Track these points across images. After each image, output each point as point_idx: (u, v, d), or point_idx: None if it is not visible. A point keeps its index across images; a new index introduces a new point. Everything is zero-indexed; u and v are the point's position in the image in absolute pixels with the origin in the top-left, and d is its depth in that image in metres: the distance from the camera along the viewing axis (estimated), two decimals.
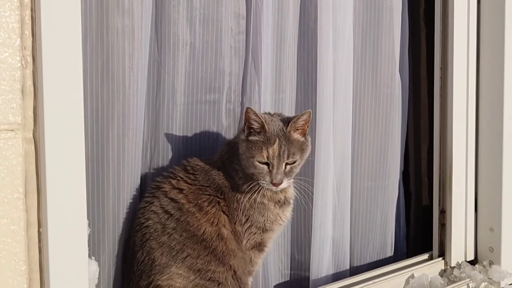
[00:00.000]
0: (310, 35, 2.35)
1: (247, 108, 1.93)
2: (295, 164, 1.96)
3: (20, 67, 1.51)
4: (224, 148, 2.08)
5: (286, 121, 1.97)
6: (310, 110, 1.97)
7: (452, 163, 2.52)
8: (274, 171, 1.92)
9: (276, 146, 1.92)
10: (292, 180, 2.00)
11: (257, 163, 1.92)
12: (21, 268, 1.53)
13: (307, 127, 1.99)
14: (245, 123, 1.95)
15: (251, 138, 1.94)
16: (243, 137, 1.96)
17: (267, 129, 1.92)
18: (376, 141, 2.54)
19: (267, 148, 1.91)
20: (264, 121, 1.92)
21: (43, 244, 1.57)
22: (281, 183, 1.93)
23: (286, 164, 1.94)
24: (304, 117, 1.96)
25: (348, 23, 2.41)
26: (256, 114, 1.92)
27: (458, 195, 2.56)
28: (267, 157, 1.92)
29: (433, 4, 2.56)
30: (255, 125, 1.93)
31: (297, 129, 1.96)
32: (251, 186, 1.94)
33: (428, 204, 2.70)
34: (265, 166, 1.92)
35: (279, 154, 1.92)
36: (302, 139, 1.98)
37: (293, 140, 1.95)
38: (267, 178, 1.93)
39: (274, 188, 1.95)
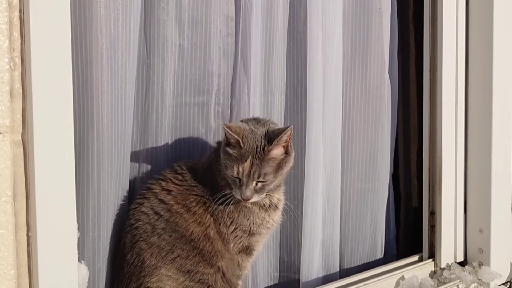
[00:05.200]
0: (300, 37, 2.35)
1: (223, 124, 1.92)
2: (267, 182, 1.93)
3: (9, 69, 1.50)
4: (213, 147, 2.09)
5: (267, 136, 1.93)
6: (291, 126, 1.94)
7: (441, 165, 2.52)
8: (243, 187, 1.90)
9: (247, 164, 1.90)
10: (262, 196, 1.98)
11: (229, 175, 1.91)
12: (10, 272, 1.52)
13: (289, 139, 1.95)
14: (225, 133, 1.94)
15: (228, 149, 1.92)
16: (223, 144, 1.95)
17: (242, 146, 1.90)
18: (365, 143, 2.54)
19: (238, 165, 1.90)
20: (240, 139, 1.89)
21: (32, 248, 1.56)
22: (249, 199, 1.92)
23: (258, 181, 1.92)
24: (287, 134, 1.92)
25: (337, 25, 2.40)
26: (231, 132, 1.89)
27: (448, 196, 2.56)
28: (237, 173, 1.90)
29: (422, 7, 2.57)
30: (231, 140, 1.91)
31: (278, 145, 1.93)
32: (223, 195, 1.94)
33: (418, 206, 2.70)
34: (237, 180, 1.91)
35: (249, 173, 1.90)
36: (282, 155, 1.95)
37: (269, 159, 1.91)
38: (238, 191, 1.92)
39: (244, 202, 1.94)
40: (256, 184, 1.92)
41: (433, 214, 2.57)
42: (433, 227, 2.57)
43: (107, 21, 1.89)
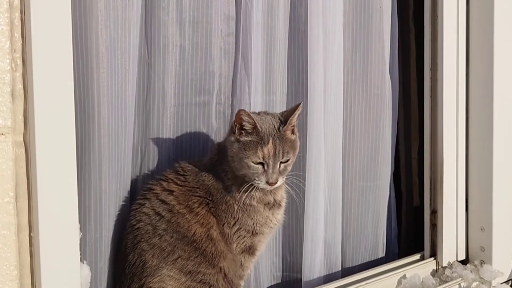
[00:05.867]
0: (300, 36, 2.35)
1: (240, 110, 1.91)
2: (288, 162, 1.96)
3: (10, 70, 1.50)
4: (214, 149, 2.08)
5: (278, 119, 1.96)
6: (301, 102, 1.98)
7: (442, 163, 2.52)
8: (270, 170, 1.91)
9: (271, 145, 1.91)
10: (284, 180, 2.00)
11: (251, 163, 1.91)
12: (12, 273, 1.52)
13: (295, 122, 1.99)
14: (235, 125, 1.94)
15: (243, 138, 1.93)
16: (233, 138, 1.95)
17: (260, 129, 1.92)
18: (367, 142, 2.54)
19: (261, 148, 1.91)
20: (256, 122, 1.91)
21: (34, 249, 1.56)
22: (276, 182, 1.93)
23: (281, 163, 1.93)
24: (299, 111, 1.96)
25: (338, 24, 2.41)
26: (249, 115, 1.91)
27: (449, 195, 2.56)
28: (263, 157, 1.91)
29: (422, 5, 2.57)
30: (247, 126, 1.92)
31: (291, 124, 1.96)
32: (245, 187, 1.93)
33: (419, 205, 2.70)
34: (260, 166, 1.92)
35: (275, 154, 1.92)
36: (293, 136, 1.99)
37: (286, 139, 1.95)
38: (262, 178, 1.92)
39: (269, 187, 1.94)
40: (280, 166, 1.93)
41: (434, 212, 2.57)
42: (435, 226, 2.57)
43: (107, 21, 1.89)
